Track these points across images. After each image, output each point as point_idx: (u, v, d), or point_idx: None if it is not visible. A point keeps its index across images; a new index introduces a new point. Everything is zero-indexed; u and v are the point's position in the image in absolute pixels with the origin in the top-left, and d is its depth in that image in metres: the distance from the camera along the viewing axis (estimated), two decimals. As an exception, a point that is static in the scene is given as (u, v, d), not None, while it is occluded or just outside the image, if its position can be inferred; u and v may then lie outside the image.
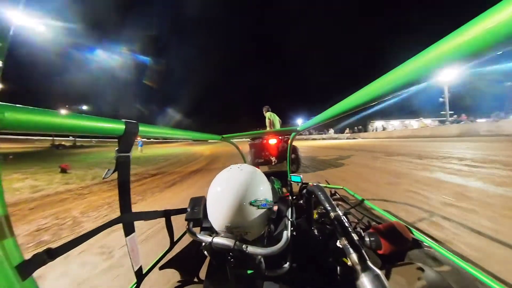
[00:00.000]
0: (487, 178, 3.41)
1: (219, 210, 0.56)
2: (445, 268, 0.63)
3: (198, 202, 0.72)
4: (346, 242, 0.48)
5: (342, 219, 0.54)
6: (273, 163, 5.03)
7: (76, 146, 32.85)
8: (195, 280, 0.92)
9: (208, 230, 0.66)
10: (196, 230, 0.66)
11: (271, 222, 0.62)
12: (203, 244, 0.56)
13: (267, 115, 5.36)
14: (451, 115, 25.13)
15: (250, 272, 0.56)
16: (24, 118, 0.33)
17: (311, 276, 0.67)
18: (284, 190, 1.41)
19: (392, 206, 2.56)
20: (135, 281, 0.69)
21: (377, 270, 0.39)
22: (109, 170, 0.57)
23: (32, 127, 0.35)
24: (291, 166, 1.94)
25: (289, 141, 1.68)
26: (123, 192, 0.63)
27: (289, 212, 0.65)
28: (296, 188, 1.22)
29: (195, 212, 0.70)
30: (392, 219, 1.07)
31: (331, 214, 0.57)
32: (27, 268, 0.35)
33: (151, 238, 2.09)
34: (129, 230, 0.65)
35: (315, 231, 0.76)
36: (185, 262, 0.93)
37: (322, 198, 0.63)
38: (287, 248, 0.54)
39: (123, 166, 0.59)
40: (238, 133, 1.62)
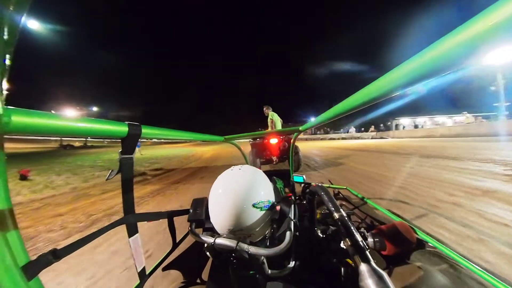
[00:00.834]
0: None
1: (221, 213, 0.56)
2: (450, 269, 0.62)
3: (201, 203, 0.72)
4: (350, 243, 0.47)
5: (346, 219, 0.53)
6: (274, 162, 5.08)
7: (86, 146, 32.01)
8: (198, 281, 0.92)
9: (210, 231, 0.66)
10: (199, 231, 0.66)
11: (274, 222, 0.62)
12: (206, 245, 0.56)
13: (269, 114, 5.37)
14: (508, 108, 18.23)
15: (252, 272, 0.56)
16: (30, 122, 0.34)
17: (314, 277, 0.66)
18: (286, 190, 1.40)
19: None
20: (138, 282, 0.69)
21: (381, 271, 0.39)
22: (112, 171, 0.57)
23: (38, 130, 0.35)
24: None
25: (291, 140, 1.68)
26: (127, 193, 0.63)
27: (291, 213, 0.64)
28: (298, 188, 1.21)
29: (198, 213, 0.70)
30: (396, 219, 1.06)
31: (335, 215, 0.56)
32: (33, 268, 0.36)
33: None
34: (132, 231, 0.65)
35: (318, 232, 0.76)
36: (188, 263, 0.93)
37: (326, 198, 0.63)
38: (290, 248, 0.53)
39: (126, 168, 0.60)
40: (240, 134, 1.62)
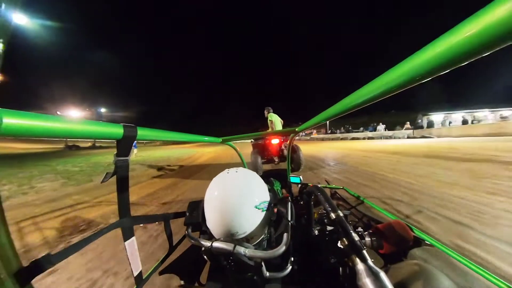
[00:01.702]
0: None
1: (217, 216, 0.55)
2: (447, 265, 0.63)
3: (197, 206, 0.71)
4: (347, 242, 0.47)
5: (343, 219, 0.53)
6: (275, 162, 5.14)
7: (95, 147, 31.37)
8: (196, 284, 0.91)
9: (207, 234, 0.65)
10: (196, 234, 0.65)
11: (271, 224, 0.62)
12: (203, 248, 0.55)
13: (269, 116, 5.42)
14: None
15: (250, 275, 0.55)
16: (22, 124, 0.33)
17: (312, 278, 0.66)
18: (284, 191, 1.40)
19: None
20: (135, 286, 0.68)
21: (378, 270, 0.39)
22: (108, 173, 0.56)
23: (31, 133, 0.34)
24: (292, 165, 1.94)
25: (291, 141, 1.68)
26: (122, 196, 0.62)
27: (289, 214, 0.64)
28: (296, 189, 1.21)
29: (194, 216, 0.69)
30: (392, 218, 1.07)
31: (332, 215, 0.56)
32: (26, 275, 0.35)
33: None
34: (128, 235, 0.64)
35: (316, 232, 0.76)
36: (185, 266, 0.92)
37: (322, 198, 0.63)
38: (288, 250, 0.53)
39: (121, 170, 0.59)
40: (238, 135, 1.61)
